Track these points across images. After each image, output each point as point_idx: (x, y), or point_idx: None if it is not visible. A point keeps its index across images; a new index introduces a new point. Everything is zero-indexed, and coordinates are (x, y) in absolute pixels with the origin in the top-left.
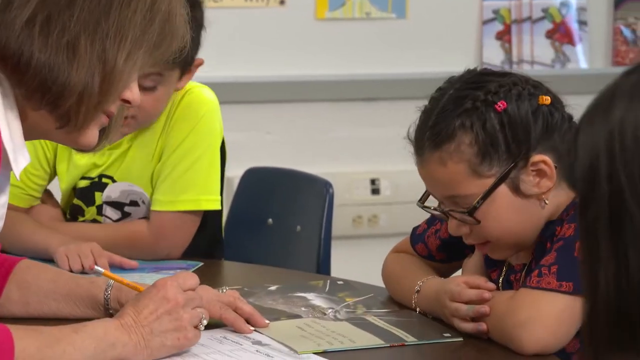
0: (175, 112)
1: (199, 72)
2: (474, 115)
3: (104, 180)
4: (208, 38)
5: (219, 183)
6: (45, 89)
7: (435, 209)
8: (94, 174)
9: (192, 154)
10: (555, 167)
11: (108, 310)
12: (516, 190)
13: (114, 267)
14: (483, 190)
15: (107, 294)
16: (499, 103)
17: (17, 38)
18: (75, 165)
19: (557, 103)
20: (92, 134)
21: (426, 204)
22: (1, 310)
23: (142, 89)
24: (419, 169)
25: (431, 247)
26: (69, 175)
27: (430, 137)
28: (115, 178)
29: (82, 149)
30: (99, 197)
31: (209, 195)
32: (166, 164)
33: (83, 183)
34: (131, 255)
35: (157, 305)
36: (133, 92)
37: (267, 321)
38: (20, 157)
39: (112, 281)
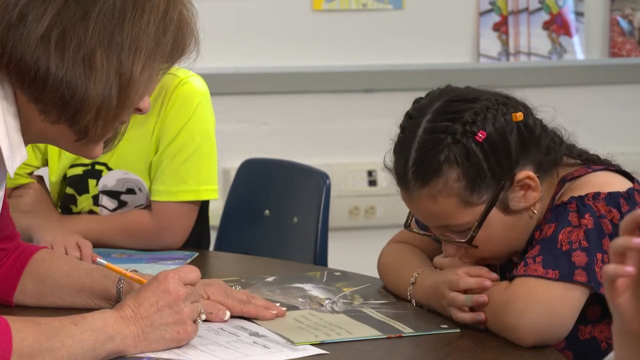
0: (168, 102)
1: (196, 63)
2: (456, 149)
3: (98, 167)
4: (204, 29)
5: (216, 173)
6: (63, 105)
7: (425, 234)
8: (87, 160)
9: (189, 145)
10: (537, 176)
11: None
12: (506, 210)
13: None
14: (475, 217)
15: (119, 286)
16: (478, 133)
17: (33, 53)
18: (67, 156)
19: (527, 112)
20: (102, 145)
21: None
22: (15, 300)
23: None
24: (406, 203)
25: None
26: (60, 164)
27: (415, 176)
28: (109, 165)
29: (90, 158)
30: (93, 185)
31: (207, 186)
32: (164, 154)
33: (75, 170)
34: (134, 245)
35: (158, 297)
36: (145, 101)
37: (284, 308)
38: (17, 154)
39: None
